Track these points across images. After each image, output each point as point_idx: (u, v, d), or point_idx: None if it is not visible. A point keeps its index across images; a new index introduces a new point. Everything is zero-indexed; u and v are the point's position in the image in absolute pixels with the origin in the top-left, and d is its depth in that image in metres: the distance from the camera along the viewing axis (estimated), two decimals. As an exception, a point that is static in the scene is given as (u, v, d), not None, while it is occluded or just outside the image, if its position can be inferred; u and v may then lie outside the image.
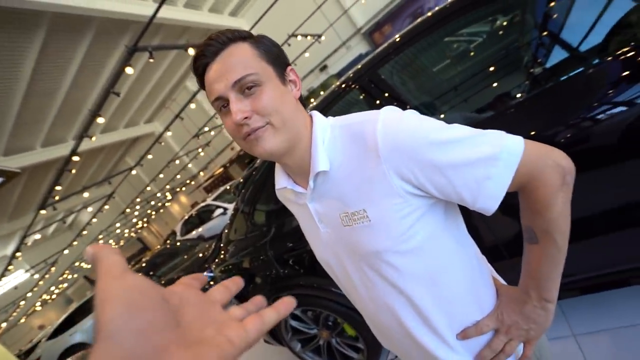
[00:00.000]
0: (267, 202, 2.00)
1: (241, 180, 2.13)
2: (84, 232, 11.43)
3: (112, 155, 15.23)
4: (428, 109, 1.57)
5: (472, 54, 1.76)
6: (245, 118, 0.52)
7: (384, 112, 0.54)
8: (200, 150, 12.37)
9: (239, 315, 0.28)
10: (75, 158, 5.39)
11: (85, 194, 8.15)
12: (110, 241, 17.79)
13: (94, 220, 10.50)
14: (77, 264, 16.50)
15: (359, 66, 1.60)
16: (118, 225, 15.68)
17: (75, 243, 12.09)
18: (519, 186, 0.53)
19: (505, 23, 1.63)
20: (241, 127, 0.54)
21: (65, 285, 19.98)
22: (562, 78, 1.20)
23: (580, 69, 1.16)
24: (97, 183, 8.48)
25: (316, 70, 11.76)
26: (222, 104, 0.55)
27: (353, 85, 1.57)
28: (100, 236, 14.53)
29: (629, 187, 1.11)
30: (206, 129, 11.48)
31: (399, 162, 0.51)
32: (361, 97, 1.61)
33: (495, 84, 1.50)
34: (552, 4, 1.31)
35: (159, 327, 0.21)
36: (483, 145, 0.50)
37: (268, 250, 1.86)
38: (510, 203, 0.60)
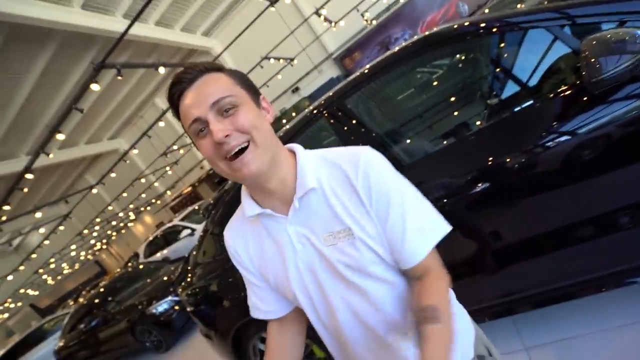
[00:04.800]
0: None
1: (211, 201, 2.12)
2: (33, 256, 10.47)
3: (71, 173, 14.30)
4: (392, 136, 1.69)
5: (435, 83, 1.93)
6: (226, 136, 0.54)
7: (364, 154, 0.61)
8: (168, 168, 11.98)
9: None
10: (29, 176, 5.04)
11: (38, 214, 7.56)
12: (64, 264, 16.40)
13: (46, 242, 9.70)
14: (22, 290, 14.95)
15: (330, 93, 1.69)
16: (73, 247, 14.53)
17: (21, 268, 11.01)
18: (420, 274, 0.62)
19: (463, 58, 1.80)
20: (221, 147, 0.54)
21: (7, 315, 17.94)
22: (515, 109, 1.34)
23: (530, 103, 1.30)
24: (51, 203, 7.91)
25: (288, 92, 11.98)
26: (199, 128, 0.55)
27: (323, 113, 1.66)
28: (52, 259, 13.37)
29: (571, 209, 1.25)
30: (175, 147, 11.20)
31: (368, 182, 0.59)
32: (330, 122, 1.69)
33: (456, 113, 1.65)
34: (502, 45, 1.47)
35: None
36: (426, 215, 0.63)
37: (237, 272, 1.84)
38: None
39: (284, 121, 2.27)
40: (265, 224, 0.67)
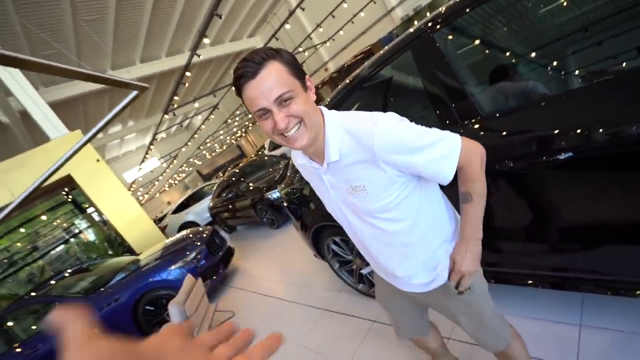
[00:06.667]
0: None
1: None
2: (196, 135, 13.55)
3: (219, 68, 16.68)
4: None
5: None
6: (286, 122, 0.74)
7: (379, 122, 0.76)
8: (293, 70, 12.63)
9: (226, 355, 0.27)
10: (188, 74, 6.19)
11: (196, 104, 9.41)
12: (216, 145, 20.77)
13: (203, 126, 12.27)
14: (191, 159, 20.02)
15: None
16: (222, 132, 18.00)
17: (189, 143, 14.52)
18: (460, 166, 0.81)
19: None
20: (278, 129, 0.74)
21: (184, 175, 24.69)
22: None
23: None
24: (204, 95, 9.66)
25: (426, -16, 10.16)
26: (262, 113, 0.74)
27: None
28: (208, 140, 17.01)
29: None
30: (300, 49, 11.52)
31: (388, 158, 0.77)
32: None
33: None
34: None
35: None
36: (442, 148, 0.78)
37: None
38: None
39: (416, 22, 1.53)
40: (311, 167, 0.90)
